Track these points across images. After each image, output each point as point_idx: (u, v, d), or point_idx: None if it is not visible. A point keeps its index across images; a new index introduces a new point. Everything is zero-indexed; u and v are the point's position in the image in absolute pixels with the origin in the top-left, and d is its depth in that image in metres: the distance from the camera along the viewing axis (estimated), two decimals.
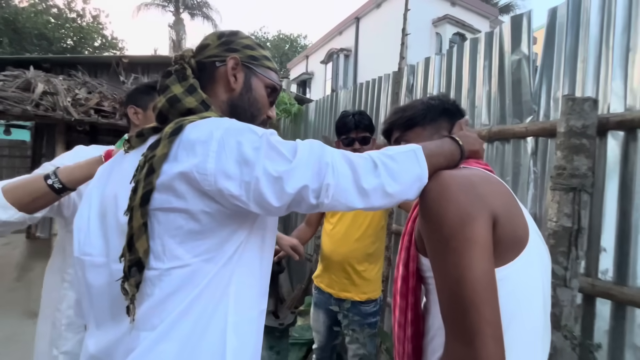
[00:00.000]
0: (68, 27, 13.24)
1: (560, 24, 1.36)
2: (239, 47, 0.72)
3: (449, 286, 0.55)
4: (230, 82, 0.70)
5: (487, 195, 0.58)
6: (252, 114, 0.73)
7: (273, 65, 0.77)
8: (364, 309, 1.59)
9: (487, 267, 0.54)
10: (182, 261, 0.56)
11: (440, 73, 1.90)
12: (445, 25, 10.28)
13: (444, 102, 0.81)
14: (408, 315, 0.69)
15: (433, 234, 0.59)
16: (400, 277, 0.71)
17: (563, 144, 1.18)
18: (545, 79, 1.39)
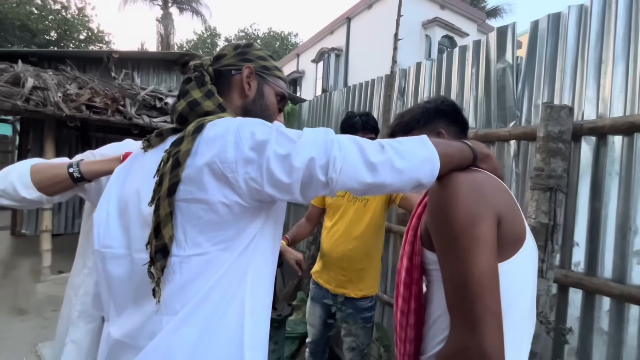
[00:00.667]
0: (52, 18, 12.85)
1: (542, 36, 1.47)
2: (254, 57, 0.80)
3: (457, 280, 0.61)
4: (245, 89, 0.77)
5: (492, 197, 0.64)
6: (263, 119, 0.78)
7: (283, 75, 0.85)
8: (360, 304, 1.64)
9: (492, 263, 0.60)
10: (201, 249, 0.61)
11: (430, 77, 1.99)
12: (435, 28, 10.48)
13: (439, 104, 0.86)
14: (411, 304, 0.75)
15: (443, 232, 0.64)
16: (404, 269, 0.77)
17: (542, 148, 1.28)
18: (527, 86, 1.50)
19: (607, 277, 1.19)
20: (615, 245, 1.18)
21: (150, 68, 5.88)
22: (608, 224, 1.20)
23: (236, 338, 0.63)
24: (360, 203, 1.65)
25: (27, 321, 3.21)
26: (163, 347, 0.59)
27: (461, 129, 0.85)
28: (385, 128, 2.24)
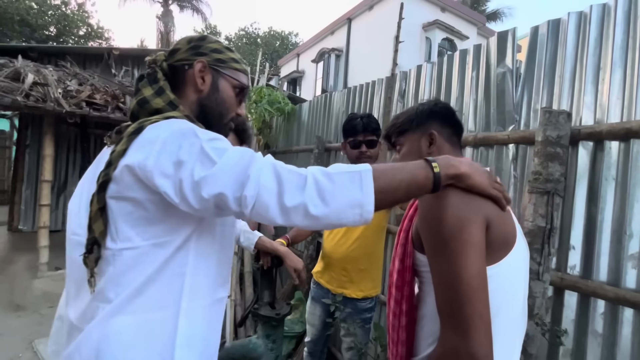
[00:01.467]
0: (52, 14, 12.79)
1: (541, 41, 1.49)
2: (207, 51, 0.79)
3: (447, 282, 0.63)
4: (198, 83, 0.77)
5: (481, 200, 0.66)
6: (220, 113, 0.81)
7: (241, 67, 0.83)
8: (360, 304, 1.64)
9: (480, 266, 0.62)
10: (132, 243, 0.63)
11: (431, 80, 2.01)
12: (435, 30, 10.53)
13: (432, 106, 0.87)
14: (403, 305, 0.77)
15: (432, 235, 0.66)
16: (396, 271, 0.78)
17: (540, 152, 1.30)
18: (526, 91, 1.52)
19: (602, 280, 1.21)
20: (610, 249, 1.20)
21: None
22: (604, 228, 1.22)
23: (169, 334, 0.65)
24: None
25: (23, 317, 3.20)
26: (97, 332, 0.62)
27: (454, 131, 0.86)
28: (385, 130, 2.25)
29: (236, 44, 24.15)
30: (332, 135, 2.95)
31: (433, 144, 0.83)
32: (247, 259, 3.36)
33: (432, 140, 0.83)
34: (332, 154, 2.90)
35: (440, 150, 0.83)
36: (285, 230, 2.49)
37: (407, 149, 0.87)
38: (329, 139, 2.97)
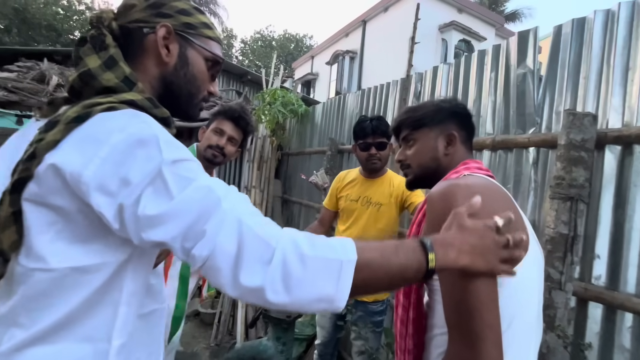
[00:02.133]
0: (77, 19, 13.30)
1: (565, 41, 1.43)
2: (172, 11, 0.61)
3: (454, 293, 0.60)
4: (162, 54, 0.59)
5: (490, 206, 0.62)
6: (189, 92, 0.65)
7: (214, 35, 0.66)
8: (371, 307, 1.64)
9: (487, 278, 0.58)
10: (46, 264, 0.48)
11: (447, 82, 1.97)
12: (452, 32, 10.36)
13: (454, 106, 0.84)
14: (410, 313, 0.74)
15: None
16: None
17: (563, 156, 1.25)
18: (548, 92, 1.47)
19: (630, 292, 1.14)
20: (639, 259, 1.13)
21: None
22: (632, 237, 1.15)
23: None
24: (374, 208, 1.62)
25: None
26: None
27: (469, 134, 0.85)
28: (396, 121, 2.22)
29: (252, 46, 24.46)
30: (345, 137, 2.93)
31: (451, 145, 0.81)
32: None
33: (450, 141, 0.81)
34: (345, 156, 2.88)
35: (455, 153, 0.81)
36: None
37: (420, 146, 0.84)
38: (342, 140, 2.95)
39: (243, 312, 2.96)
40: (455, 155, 0.81)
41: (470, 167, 0.75)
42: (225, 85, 6.55)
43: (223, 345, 2.91)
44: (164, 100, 0.61)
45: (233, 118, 1.33)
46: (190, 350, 2.77)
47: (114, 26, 0.58)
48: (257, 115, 3.73)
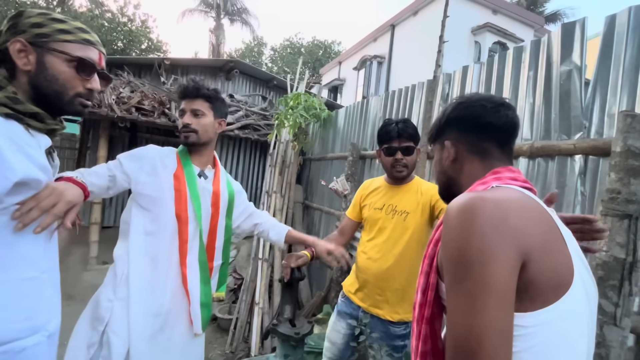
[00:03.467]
0: (119, 30, 14.22)
1: (620, 33, 1.23)
2: (25, 27, 0.75)
3: (455, 330, 0.49)
4: (20, 64, 0.74)
5: (520, 230, 0.50)
6: (54, 91, 0.78)
7: (76, 37, 0.79)
8: (394, 329, 1.45)
9: (499, 317, 0.47)
10: None
11: (479, 82, 1.80)
12: (485, 34, 9.91)
13: (451, 110, 0.71)
14: (422, 345, 0.63)
15: (449, 267, 0.53)
16: (417, 304, 0.65)
17: (618, 165, 1.06)
18: (599, 92, 1.27)
19: None
20: None
21: (198, 74, 6.19)
22: None
23: None
24: (399, 217, 1.48)
25: (72, 306, 3.45)
26: None
27: (484, 135, 0.68)
28: (424, 137, 2.07)
29: (281, 53, 24.96)
30: (368, 142, 2.81)
31: (448, 157, 0.72)
32: (277, 266, 3.30)
33: (449, 152, 0.72)
34: (367, 162, 2.76)
35: (464, 162, 0.70)
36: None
37: (434, 159, 0.80)
38: (364, 146, 2.84)
39: (259, 320, 2.90)
40: (467, 166, 0.70)
41: (502, 177, 0.62)
42: (251, 91, 6.66)
43: (237, 353, 2.85)
44: (39, 100, 0.78)
45: (185, 93, 1.29)
46: (206, 356, 2.74)
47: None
48: (279, 120, 3.70)
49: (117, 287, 1.14)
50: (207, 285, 1.27)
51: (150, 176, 1.20)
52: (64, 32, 0.79)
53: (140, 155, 1.21)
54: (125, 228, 1.20)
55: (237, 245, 4.26)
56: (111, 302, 1.12)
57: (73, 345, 1.14)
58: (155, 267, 1.17)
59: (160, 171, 1.21)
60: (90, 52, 0.83)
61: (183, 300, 1.19)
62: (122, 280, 1.14)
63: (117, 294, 1.13)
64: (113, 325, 1.11)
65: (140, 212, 1.19)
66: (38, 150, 0.79)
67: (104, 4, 13.84)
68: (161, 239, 1.18)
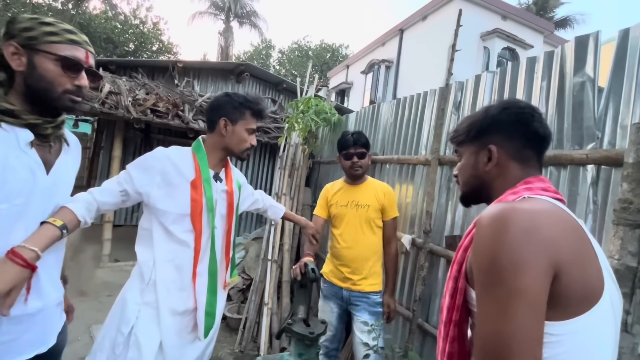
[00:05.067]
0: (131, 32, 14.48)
1: (633, 45, 1.26)
2: (16, 32, 0.84)
3: (485, 335, 0.51)
4: (14, 65, 0.85)
5: (552, 241, 0.52)
6: (43, 88, 0.87)
7: (62, 38, 0.87)
8: (373, 298, 1.83)
9: (531, 325, 0.49)
10: None
11: (492, 91, 1.84)
12: (495, 40, 9.91)
13: (499, 113, 0.70)
14: (449, 346, 0.66)
15: (480, 275, 0.55)
16: (445, 307, 0.68)
17: (631, 176, 1.09)
18: (612, 104, 1.30)
19: None
20: None
21: (209, 76, 6.30)
22: None
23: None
24: (362, 209, 1.89)
25: (85, 302, 3.52)
26: None
27: (528, 142, 0.69)
28: (436, 143, 2.10)
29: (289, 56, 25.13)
30: (379, 147, 2.85)
31: (491, 160, 0.70)
32: (286, 267, 3.35)
33: (490, 156, 0.70)
34: (378, 167, 2.79)
35: (503, 168, 0.69)
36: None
37: (464, 161, 0.77)
38: (375, 150, 2.87)
39: (268, 321, 2.95)
40: (505, 172, 0.69)
41: (533, 188, 0.64)
42: (261, 94, 6.75)
43: (247, 352, 2.90)
44: (32, 98, 0.88)
45: (262, 115, 1.34)
46: (215, 355, 2.79)
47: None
48: (289, 123, 3.76)
49: (144, 291, 1.16)
50: (214, 295, 1.27)
51: (162, 189, 1.16)
52: (50, 34, 0.87)
53: (148, 165, 1.17)
54: (146, 234, 1.19)
55: (246, 246, 4.32)
56: (138, 305, 1.15)
57: (98, 343, 1.17)
58: (181, 273, 1.19)
59: (174, 181, 1.17)
60: (76, 52, 0.90)
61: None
62: (149, 285, 1.16)
63: (144, 297, 1.16)
64: (141, 327, 1.13)
65: (160, 228, 1.18)
66: (8, 141, 0.84)
67: (117, 6, 14.13)
68: (185, 247, 1.19)
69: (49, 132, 0.94)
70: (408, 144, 2.48)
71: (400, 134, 2.58)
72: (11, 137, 0.86)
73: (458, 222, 1.92)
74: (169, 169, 1.18)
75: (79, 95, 0.94)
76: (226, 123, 1.26)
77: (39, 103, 0.89)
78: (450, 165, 2.03)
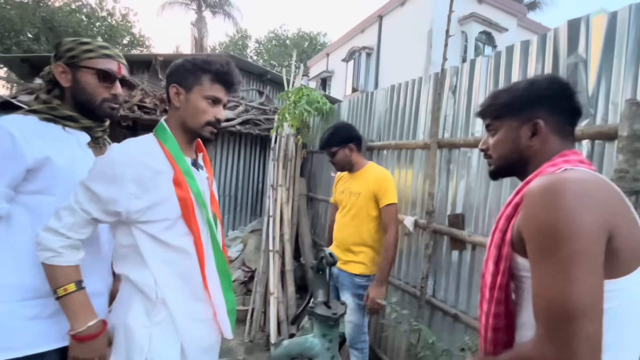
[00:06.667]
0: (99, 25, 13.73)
1: (621, 28, 1.36)
2: (62, 53, 1.01)
3: (550, 295, 0.56)
4: (62, 82, 1.01)
5: (604, 206, 0.57)
6: (86, 99, 1.02)
7: (96, 54, 1.01)
8: (357, 280, 1.97)
9: (594, 282, 0.54)
10: None
11: (487, 74, 1.92)
12: (472, 24, 10.10)
13: (545, 88, 0.71)
14: (495, 308, 0.72)
15: (539, 240, 0.58)
16: (489, 273, 0.73)
17: (625, 148, 1.19)
18: (603, 83, 1.41)
19: None
20: None
21: None
22: None
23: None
24: (354, 196, 2.01)
25: None
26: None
27: (568, 118, 0.72)
28: (435, 127, 2.18)
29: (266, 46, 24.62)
30: (375, 134, 2.91)
31: (537, 135, 0.72)
32: (288, 257, 3.40)
33: (535, 130, 0.72)
34: (375, 153, 2.86)
35: (545, 143, 0.72)
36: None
37: (501, 136, 0.77)
38: (371, 137, 2.94)
39: (275, 309, 3.01)
40: (546, 146, 0.72)
41: (571, 160, 0.67)
42: (245, 85, 6.63)
43: (256, 341, 2.96)
44: (79, 108, 1.04)
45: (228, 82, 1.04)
46: (226, 346, 2.83)
47: (47, 78, 1.05)
48: (281, 114, 3.75)
49: (151, 311, 0.98)
50: (230, 292, 1.17)
51: (140, 198, 0.93)
52: (88, 51, 1.01)
53: (115, 174, 0.90)
54: (130, 252, 0.98)
55: (244, 239, 4.33)
56: (147, 328, 0.97)
57: None
58: (187, 282, 1.03)
59: (152, 184, 0.95)
60: (110, 64, 1.04)
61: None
62: (157, 304, 0.99)
63: (152, 318, 0.98)
64: (156, 350, 0.97)
65: (149, 239, 0.97)
66: (70, 142, 1.03)
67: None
68: (184, 254, 1.02)
69: (99, 134, 1.12)
70: (405, 129, 2.55)
71: (397, 120, 2.65)
72: (74, 138, 1.05)
73: (460, 202, 2.02)
74: (141, 172, 0.93)
75: (116, 103, 1.08)
76: (177, 90, 1.00)
77: (84, 112, 1.05)
78: (449, 148, 2.12)
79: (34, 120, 0.98)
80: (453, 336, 1.90)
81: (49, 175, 0.95)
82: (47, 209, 0.95)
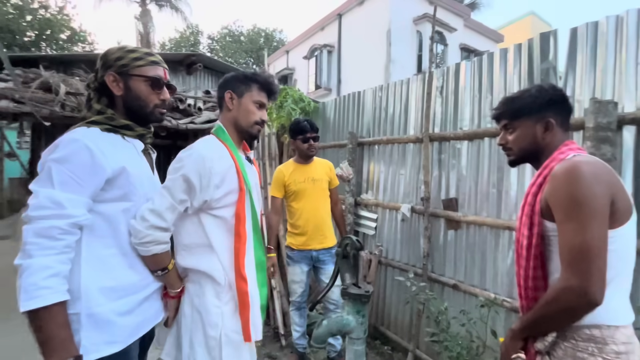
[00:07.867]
0: (31, 18, 12.29)
1: (581, 41, 1.71)
2: (112, 62, 1.03)
3: (574, 241, 0.80)
4: (114, 91, 1.03)
5: (608, 179, 0.83)
6: (139, 105, 1.06)
7: (146, 61, 1.05)
8: (333, 251, 2.32)
9: (603, 232, 0.80)
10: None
11: (472, 76, 2.22)
12: (425, 24, 10.80)
13: (552, 94, 0.95)
14: (537, 261, 0.93)
15: (567, 204, 0.83)
16: (524, 237, 0.95)
17: (592, 136, 1.53)
18: (569, 84, 1.75)
19: None
20: None
21: None
22: None
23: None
24: (318, 183, 2.35)
25: None
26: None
27: (567, 116, 0.98)
28: (426, 123, 2.45)
29: (220, 42, 23.80)
30: (365, 131, 3.13)
31: (549, 130, 0.96)
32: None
33: (547, 127, 0.96)
34: (366, 148, 3.08)
35: (554, 136, 0.97)
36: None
37: (520, 132, 1.00)
38: (361, 134, 3.15)
39: (280, 303, 3.12)
40: (555, 138, 0.97)
41: (574, 148, 0.93)
42: (214, 85, 6.51)
43: (264, 334, 3.06)
44: (131, 115, 1.06)
45: (272, 92, 1.30)
46: None
47: (93, 86, 1.05)
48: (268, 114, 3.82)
49: (220, 293, 1.15)
50: (264, 287, 1.27)
51: (218, 188, 1.12)
52: (137, 59, 1.03)
53: (204, 169, 1.09)
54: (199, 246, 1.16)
55: None
56: (219, 308, 1.14)
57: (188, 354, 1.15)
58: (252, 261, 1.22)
59: (226, 175, 1.15)
60: (158, 71, 1.08)
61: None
62: (225, 286, 1.15)
63: (222, 299, 1.15)
64: (230, 325, 1.14)
65: (222, 230, 1.16)
66: (131, 150, 1.07)
67: None
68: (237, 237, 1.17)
69: (149, 140, 1.17)
70: (395, 125, 2.80)
71: (387, 117, 2.89)
72: (131, 146, 1.09)
73: (452, 188, 2.32)
74: (222, 165, 1.14)
75: (165, 108, 1.13)
76: (232, 96, 1.23)
77: (136, 118, 1.08)
78: (440, 141, 2.41)
79: (98, 132, 0.99)
80: (454, 303, 2.20)
81: (125, 183, 1.00)
82: (124, 215, 1.02)
